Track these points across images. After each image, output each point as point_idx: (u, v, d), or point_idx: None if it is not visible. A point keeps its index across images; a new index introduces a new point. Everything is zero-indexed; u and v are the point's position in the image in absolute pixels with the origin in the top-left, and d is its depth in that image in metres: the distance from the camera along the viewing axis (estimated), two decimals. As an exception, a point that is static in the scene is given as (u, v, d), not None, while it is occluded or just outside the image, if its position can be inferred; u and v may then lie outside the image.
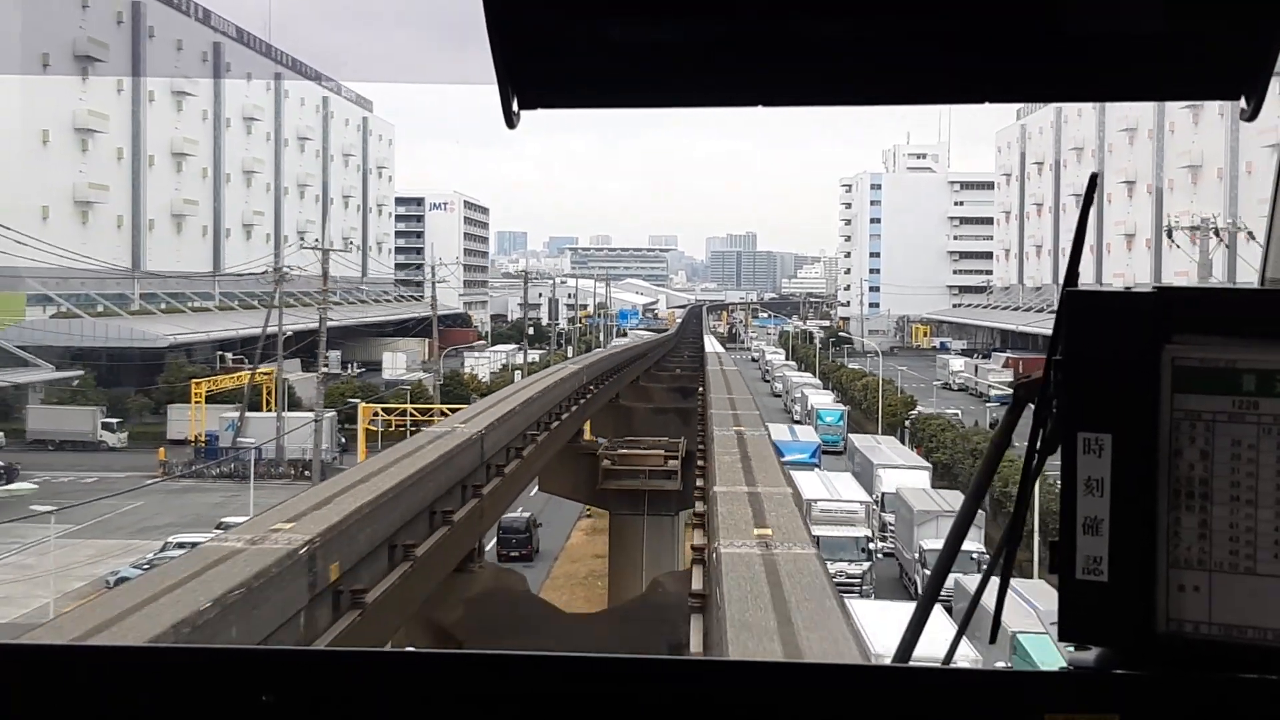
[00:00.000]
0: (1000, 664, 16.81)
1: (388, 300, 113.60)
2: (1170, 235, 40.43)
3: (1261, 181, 69.56)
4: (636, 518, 25.12)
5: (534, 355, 74.12)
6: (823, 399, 65.31)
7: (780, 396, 76.53)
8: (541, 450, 19.30)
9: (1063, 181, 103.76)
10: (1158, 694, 1.24)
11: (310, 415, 47.32)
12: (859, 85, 1.41)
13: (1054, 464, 1.30)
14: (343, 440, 52.71)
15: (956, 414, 57.83)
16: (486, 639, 11.81)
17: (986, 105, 1.37)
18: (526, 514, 36.97)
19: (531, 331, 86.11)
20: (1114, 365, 1.22)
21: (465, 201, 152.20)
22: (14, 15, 56.49)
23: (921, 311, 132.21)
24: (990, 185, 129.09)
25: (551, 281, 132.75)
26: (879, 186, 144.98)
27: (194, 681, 1.33)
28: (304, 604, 7.90)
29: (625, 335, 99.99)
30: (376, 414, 50.47)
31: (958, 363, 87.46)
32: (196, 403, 54.07)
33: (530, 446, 17.98)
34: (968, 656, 15.15)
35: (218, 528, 30.31)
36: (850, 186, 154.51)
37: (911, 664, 1.39)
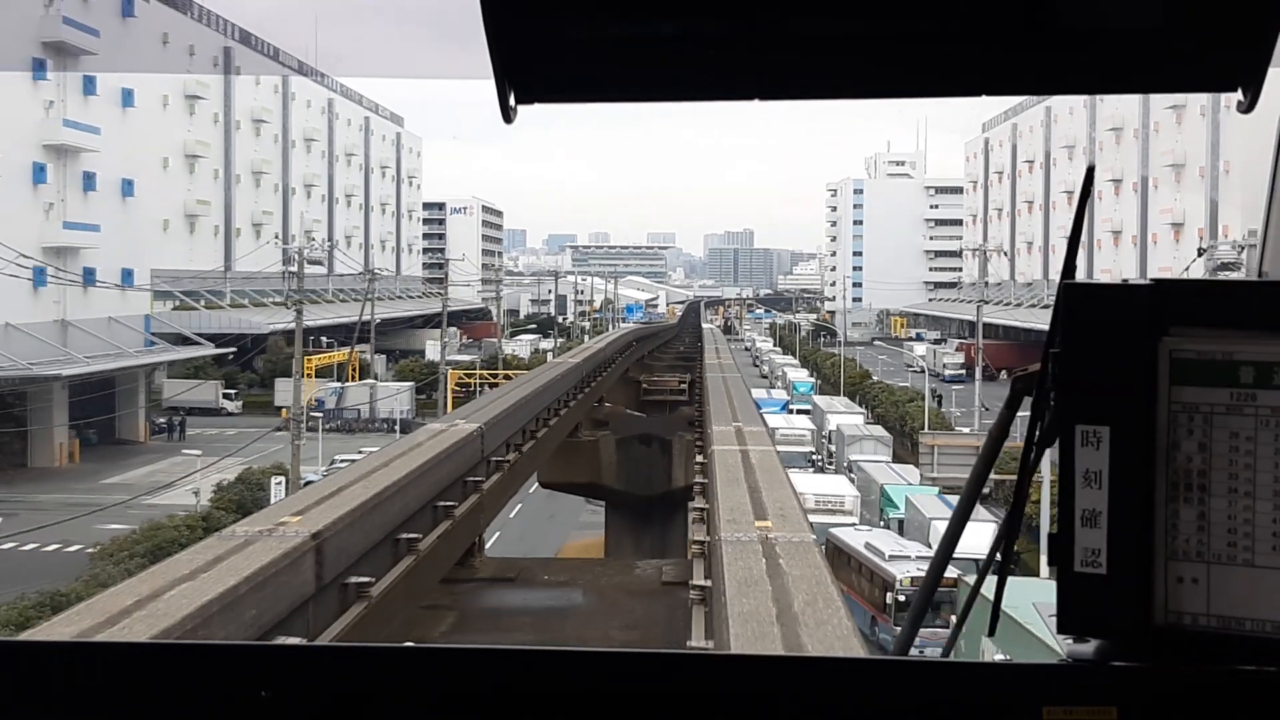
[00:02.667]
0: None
1: (416, 296, 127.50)
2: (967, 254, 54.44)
3: (1164, 195, 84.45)
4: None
5: (550, 344, 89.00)
6: (799, 374, 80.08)
7: (766, 377, 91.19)
8: (625, 359, 35.16)
9: (1018, 189, 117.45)
10: (1155, 686, 1.23)
11: (394, 385, 62.29)
12: (858, 79, 1.42)
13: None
14: (413, 408, 67.11)
15: (907, 385, 72.44)
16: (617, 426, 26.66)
17: (975, 104, 2.64)
18: None
19: (562, 321, 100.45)
20: (1111, 358, 1.21)
21: (482, 206, 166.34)
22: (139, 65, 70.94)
23: (900, 305, 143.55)
24: (962, 190, 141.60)
25: (573, 280, 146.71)
26: (861, 191, 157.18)
27: (193, 678, 1.34)
28: (576, 383, 22.18)
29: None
30: (460, 380, 65.04)
31: (920, 348, 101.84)
32: (308, 375, 68.53)
33: (619, 357, 33.72)
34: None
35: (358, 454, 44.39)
36: (835, 191, 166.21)
37: (910, 658, 1.44)
